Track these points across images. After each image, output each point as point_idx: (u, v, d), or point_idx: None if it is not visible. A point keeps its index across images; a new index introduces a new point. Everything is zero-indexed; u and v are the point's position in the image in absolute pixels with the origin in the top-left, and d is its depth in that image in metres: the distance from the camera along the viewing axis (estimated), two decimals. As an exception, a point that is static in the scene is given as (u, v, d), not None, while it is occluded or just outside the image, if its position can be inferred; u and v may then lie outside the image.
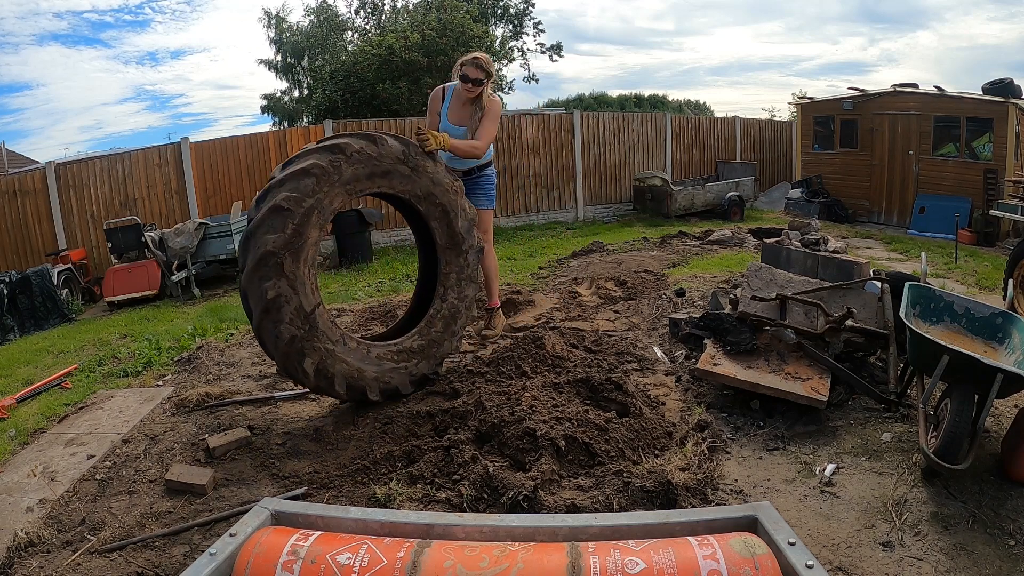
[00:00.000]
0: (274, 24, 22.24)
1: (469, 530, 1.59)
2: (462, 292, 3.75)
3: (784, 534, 1.45)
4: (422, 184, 3.50)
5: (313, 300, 3.15)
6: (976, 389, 2.60)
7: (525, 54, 21.55)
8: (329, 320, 3.24)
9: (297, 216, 3.05)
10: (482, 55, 4.07)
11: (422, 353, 3.60)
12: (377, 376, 3.38)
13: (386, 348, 3.48)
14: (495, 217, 11.77)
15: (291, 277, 3.04)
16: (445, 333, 3.70)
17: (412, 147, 3.46)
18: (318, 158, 3.15)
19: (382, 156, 3.33)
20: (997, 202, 8.30)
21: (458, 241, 3.70)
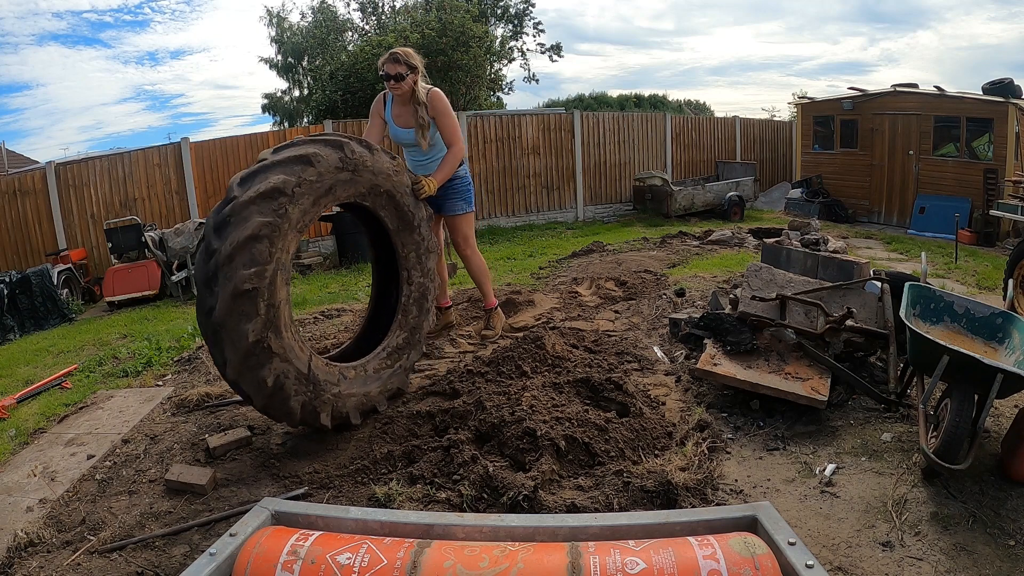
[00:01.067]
0: (275, 23, 22.25)
1: (469, 530, 1.59)
2: (424, 267, 3.63)
3: (784, 534, 1.45)
4: (364, 181, 3.26)
5: (304, 357, 2.95)
6: (976, 389, 2.60)
7: (525, 54, 21.58)
8: (323, 364, 3.10)
9: (264, 291, 2.73)
10: (401, 48, 3.81)
11: (408, 344, 3.57)
12: (381, 389, 3.36)
13: (378, 358, 3.42)
14: (494, 217, 11.91)
15: (280, 353, 2.83)
16: (421, 314, 3.63)
17: (347, 147, 3.14)
18: (262, 217, 2.76)
19: (322, 176, 3.00)
20: (997, 202, 8.30)
21: (408, 219, 3.51)
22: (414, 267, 3.59)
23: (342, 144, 3.15)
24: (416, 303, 3.61)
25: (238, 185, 2.85)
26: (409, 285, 3.59)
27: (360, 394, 3.24)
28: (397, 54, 3.73)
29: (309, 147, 3.02)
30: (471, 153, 11.40)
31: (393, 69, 3.72)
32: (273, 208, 2.80)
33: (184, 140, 9.63)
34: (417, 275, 3.61)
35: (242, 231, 2.71)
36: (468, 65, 15.77)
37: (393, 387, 3.45)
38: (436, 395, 3.52)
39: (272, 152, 3.04)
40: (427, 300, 3.65)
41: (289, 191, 2.86)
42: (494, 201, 11.84)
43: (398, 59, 3.72)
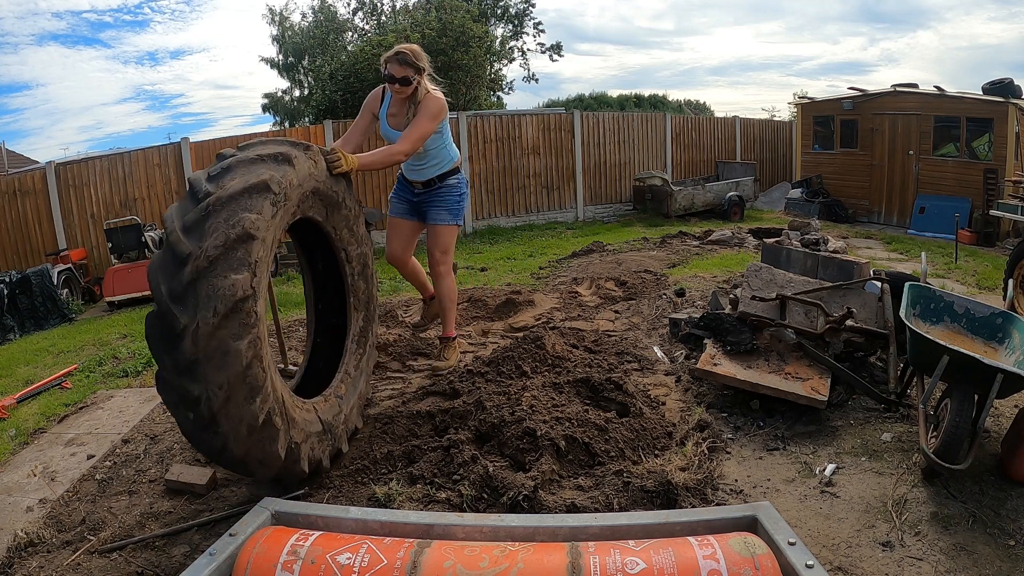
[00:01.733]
0: (277, 22, 22.26)
1: (469, 530, 1.59)
2: (357, 235, 3.22)
3: (784, 534, 1.46)
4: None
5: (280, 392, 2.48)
6: (976, 389, 2.60)
7: (525, 54, 21.61)
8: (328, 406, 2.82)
9: (249, 354, 2.19)
10: (408, 47, 3.42)
11: (368, 321, 3.37)
12: (359, 400, 3.17)
13: (344, 374, 3.16)
14: (494, 217, 11.91)
15: (270, 386, 2.33)
16: (369, 285, 3.36)
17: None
18: (253, 214, 2.37)
19: (303, 181, 2.68)
20: (997, 202, 8.30)
21: (333, 199, 2.98)
22: (348, 242, 3.17)
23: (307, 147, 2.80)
24: (361, 276, 3.29)
25: (207, 181, 2.38)
26: (349, 263, 3.22)
27: (342, 415, 2.96)
28: (405, 54, 3.37)
29: (283, 146, 2.67)
30: (471, 153, 11.41)
31: (400, 72, 3.38)
32: (262, 206, 2.35)
33: (184, 140, 9.63)
34: (353, 249, 3.22)
35: (232, 229, 2.21)
36: (468, 65, 15.78)
37: (364, 394, 3.26)
38: (436, 395, 3.52)
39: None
40: (369, 267, 3.33)
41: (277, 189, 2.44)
42: (494, 201, 11.84)
43: (406, 60, 3.37)
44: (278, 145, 2.65)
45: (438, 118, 3.49)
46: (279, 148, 2.60)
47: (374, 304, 3.39)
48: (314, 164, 2.74)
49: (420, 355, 4.38)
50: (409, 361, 4.28)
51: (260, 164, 2.46)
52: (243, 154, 2.52)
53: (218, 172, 2.40)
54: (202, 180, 2.37)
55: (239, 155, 2.51)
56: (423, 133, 3.42)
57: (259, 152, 2.53)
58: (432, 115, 3.45)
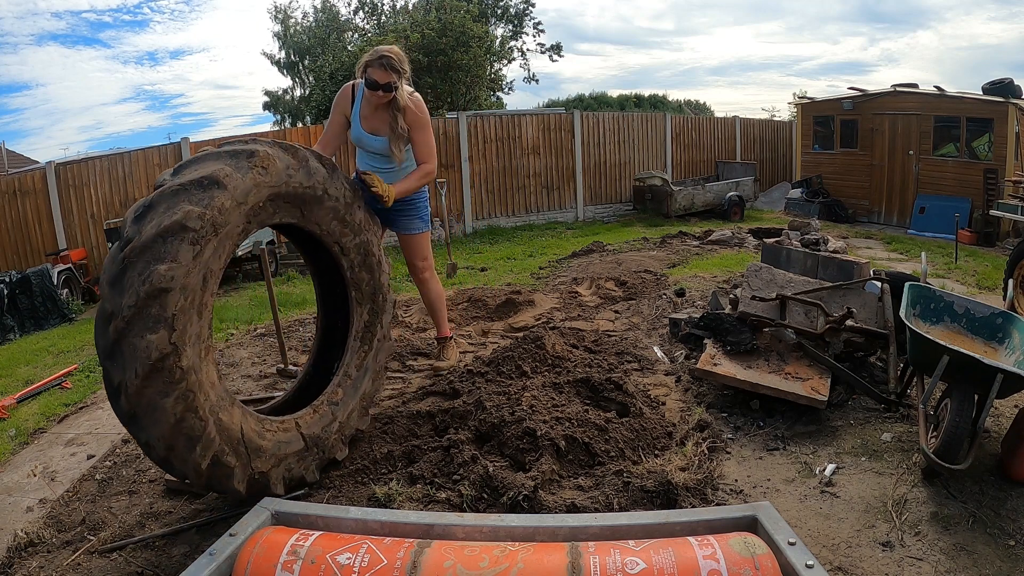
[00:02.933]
0: (280, 19, 22.27)
1: (469, 530, 1.59)
2: (355, 225, 2.94)
3: (784, 534, 1.46)
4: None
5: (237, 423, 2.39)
6: (976, 389, 2.60)
7: (525, 54, 21.61)
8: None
9: (179, 409, 2.12)
10: (391, 50, 3.18)
11: (371, 341, 3.12)
12: (361, 402, 3.03)
13: (343, 376, 3.01)
14: (494, 217, 11.92)
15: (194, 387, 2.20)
16: (377, 297, 3.11)
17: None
18: (193, 206, 2.22)
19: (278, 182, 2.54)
20: (997, 202, 8.30)
21: (315, 199, 2.77)
22: (341, 234, 2.92)
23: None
24: (363, 267, 3.03)
25: (132, 223, 2.22)
26: (346, 255, 2.98)
27: (337, 422, 2.84)
28: (390, 59, 3.14)
29: (216, 164, 2.39)
30: (471, 153, 11.41)
31: (384, 78, 3.14)
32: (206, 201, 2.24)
33: (184, 140, 9.62)
34: (349, 239, 2.96)
35: (143, 285, 2.08)
36: (468, 65, 15.79)
37: (369, 393, 3.07)
38: (436, 395, 3.52)
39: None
40: (373, 255, 3.05)
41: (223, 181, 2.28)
42: (494, 201, 11.84)
43: (391, 66, 3.14)
44: (212, 163, 2.34)
45: (429, 122, 3.38)
46: (208, 169, 2.29)
47: (383, 295, 3.10)
48: (263, 171, 2.41)
49: (420, 355, 4.38)
50: (409, 361, 4.28)
51: (180, 197, 2.19)
52: (171, 182, 2.26)
53: (142, 211, 2.19)
54: (128, 222, 2.20)
55: (167, 183, 2.26)
56: (433, 144, 3.39)
57: (183, 180, 2.25)
58: (426, 124, 3.34)
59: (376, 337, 3.11)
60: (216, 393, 2.29)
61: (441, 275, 7.61)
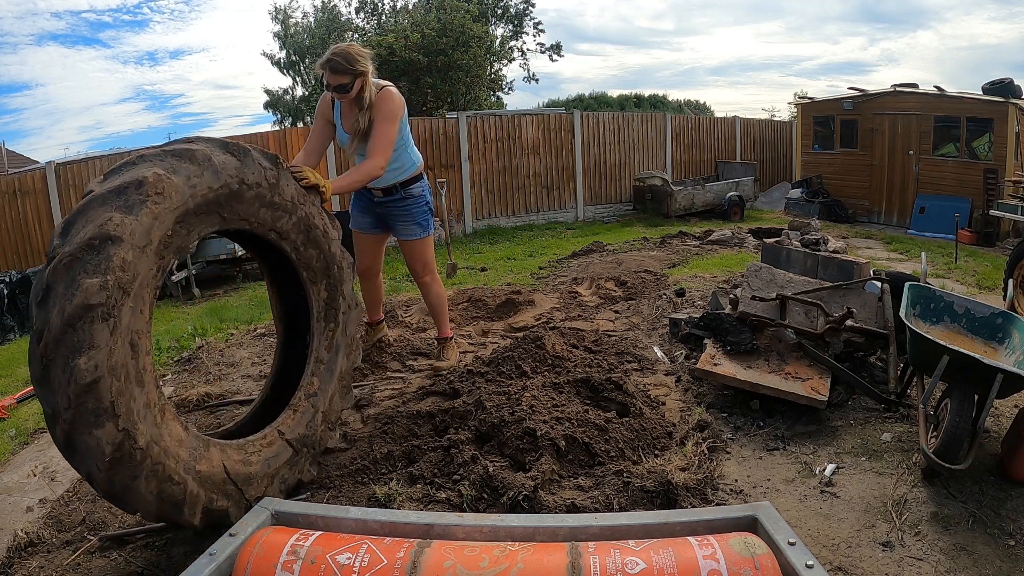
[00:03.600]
0: (281, 19, 22.28)
1: (469, 530, 1.59)
2: (287, 204, 2.58)
3: (784, 534, 1.46)
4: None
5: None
6: (976, 389, 2.60)
7: (525, 54, 21.62)
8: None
9: (112, 445, 1.92)
10: (338, 50, 3.05)
11: (335, 317, 2.88)
12: (339, 382, 2.88)
13: (315, 363, 2.81)
14: (494, 217, 11.92)
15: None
16: (331, 269, 2.80)
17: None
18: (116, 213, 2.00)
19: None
20: (997, 202, 8.31)
21: (235, 195, 2.42)
22: (274, 220, 2.58)
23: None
24: (308, 244, 2.70)
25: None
26: (286, 239, 2.66)
27: (299, 430, 2.64)
28: (337, 62, 3.02)
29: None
30: (471, 153, 11.40)
31: (334, 80, 3.05)
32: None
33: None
34: (285, 221, 2.62)
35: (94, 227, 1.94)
36: (468, 65, 15.79)
37: (335, 409, 2.84)
38: (436, 395, 3.52)
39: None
40: (317, 227, 2.71)
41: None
42: (494, 201, 11.84)
43: (338, 68, 3.02)
44: (98, 210, 2.01)
45: (396, 116, 3.18)
46: (96, 223, 1.98)
47: (337, 264, 2.81)
48: (160, 198, 2.09)
49: (420, 355, 4.38)
50: (409, 361, 4.28)
51: (75, 269, 1.93)
52: (62, 249, 1.98)
53: (41, 296, 1.95)
54: (33, 303, 1.98)
55: (59, 253, 1.99)
56: (389, 138, 3.14)
57: (74, 245, 1.96)
58: (389, 116, 3.15)
59: (340, 311, 2.87)
60: (187, 449, 2.16)
61: (441, 275, 7.62)
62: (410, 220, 3.55)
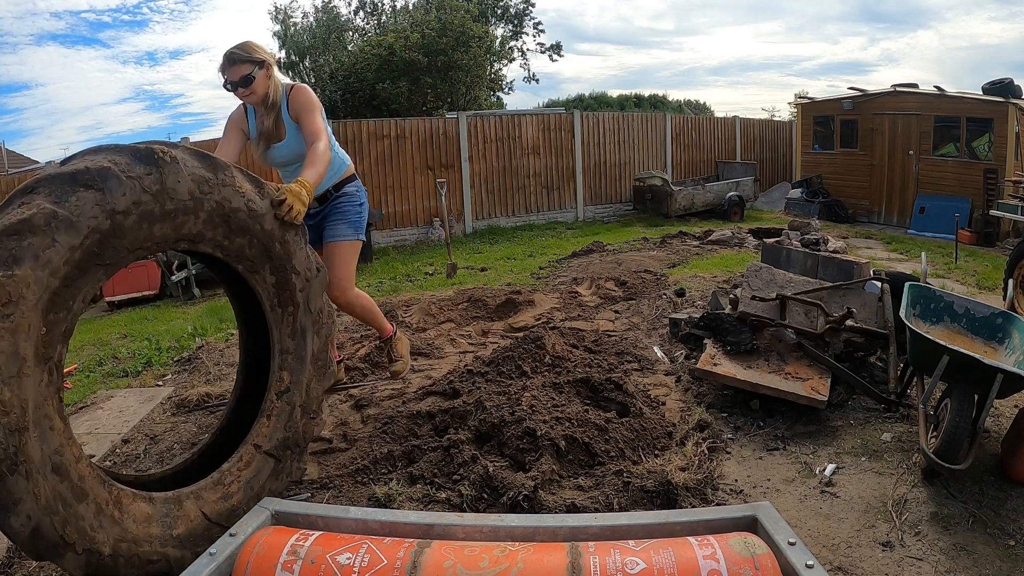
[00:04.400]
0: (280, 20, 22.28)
1: (469, 530, 1.59)
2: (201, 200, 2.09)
3: (784, 534, 1.46)
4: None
5: None
6: (976, 389, 2.60)
7: (525, 54, 21.61)
8: None
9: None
10: (237, 45, 2.84)
11: (291, 299, 2.47)
12: (314, 363, 2.58)
13: (281, 356, 2.49)
14: (494, 217, 11.92)
15: None
16: (271, 253, 2.37)
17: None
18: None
19: None
20: (997, 202, 8.30)
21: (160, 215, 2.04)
22: (194, 227, 2.13)
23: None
24: (234, 234, 2.24)
25: None
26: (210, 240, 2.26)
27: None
28: (235, 52, 2.81)
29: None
30: (471, 153, 11.40)
31: (236, 73, 2.80)
32: None
33: (184, 140, 9.62)
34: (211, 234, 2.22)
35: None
36: (468, 65, 15.79)
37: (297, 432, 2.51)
38: (436, 395, 3.52)
39: None
40: (238, 216, 2.21)
41: None
42: (494, 201, 11.84)
43: (236, 58, 2.79)
44: None
45: (317, 107, 2.94)
46: None
47: (278, 241, 2.36)
48: (66, 239, 1.76)
49: (420, 355, 4.39)
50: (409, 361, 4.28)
51: None
52: None
53: None
54: None
55: None
56: (319, 126, 2.87)
57: None
58: (310, 107, 2.90)
59: (296, 290, 2.47)
60: (158, 523, 2.00)
61: (441, 275, 7.62)
62: (342, 220, 3.16)
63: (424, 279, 7.68)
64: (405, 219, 10.98)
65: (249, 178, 2.28)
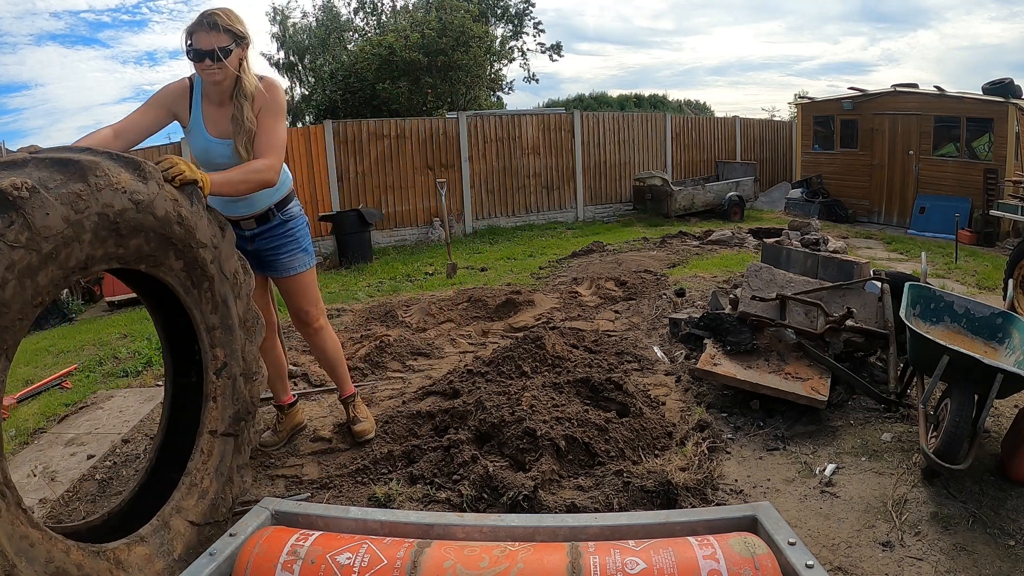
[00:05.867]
0: (279, 21, 22.28)
1: (469, 530, 1.59)
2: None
3: (784, 534, 1.46)
4: None
5: None
6: (976, 389, 2.60)
7: (525, 54, 21.62)
8: None
9: None
10: (219, 9, 2.38)
11: (207, 286, 2.23)
12: (242, 359, 2.38)
13: (213, 368, 2.29)
14: (494, 217, 11.93)
15: None
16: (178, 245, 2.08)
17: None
18: None
19: None
20: (997, 202, 8.30)
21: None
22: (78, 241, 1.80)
23: None
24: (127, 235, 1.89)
25: None
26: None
27: None
28: (215, 16, 2.34)
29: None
30: (471, 153, 11.40)
31: (209, 42, 2.33)
32: None
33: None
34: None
35: None
36: (468, 65, 15.80)
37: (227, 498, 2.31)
38: (436, 395, 3.52)
39: None
40: (124, 219, 1.84)
41: None
42: (494, 201, 11.84)
43: (215, 23, 2.34)
44: None
45: (284, 112, 2.55)
46: None
47: (176, 223, 2.03)
48: None
49: (420, 355, 4.39)
50: (409, 361, 4.28)
51: None
52: None
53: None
54: None
55: None
56: (281, 139, 2.48)
57: None
58: (278, 110, 2.49)
59: (207, 263, 2.18)
60: (160, 560, 1.92)
61: (441, 275, 7.62)
62: (295, 247, 2.78)
63: (424, 279, 7.68)
64: (405, 219, 10.98)
65: (124, 163, 1.92)
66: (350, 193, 10.43)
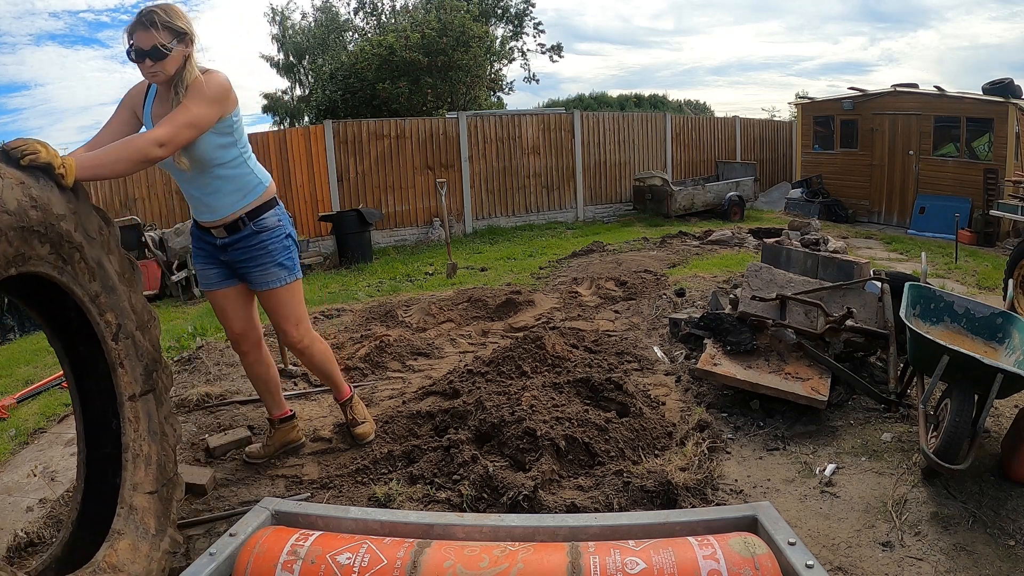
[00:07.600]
0: (278, 21, 22.29)
1: (469, 530, 1.59)
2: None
3: (784, 534, 1.46)
4: None
5: None
6: (976, 389, 2.60)
7: (525, 54, 21.64)
8: None
9: None
10: (158, 5, 2.29)
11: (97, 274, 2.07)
12: (152, 353, 2.29)
13: (115, 358, 2.16)
14: (494, 217, 11.93)
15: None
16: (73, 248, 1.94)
17: None
18: None
19: None
20: (997, 202, 8.30)
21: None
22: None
23: None
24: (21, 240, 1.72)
25: None
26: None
27: None
28: (154, 13, 2.24)
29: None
30: (471, 153, 11.40)
31: (148, 40, 2.23)
32: None
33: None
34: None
35: None
36: (468, 65, 15.81)
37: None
38: (436, 395, 3.52)
39: None
40: (22, 233, 1.70)
41: None
42: (494, 201, 11.84)
43: (153, 21, 2.23)
44: None
45: (220, 103, 2.35)
46: None
47: (43, 223, 1.80)
48: None
49: (420, 355, 4.39)
50: (409, 361, 4.28)
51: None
52: None
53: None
54: None
55: None
56: (191, 116, 2.24)
57: None
58: (207, 96, 2.30)
59: (73, 246, 1.95)
60: (157, 559, 1.92)
61: (441, 275, 7.62)
62: (268, 261, 2.60)
63: (424, 279, 7.68)
64: (405, 219, 10.98)
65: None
66: (350, 193, 10.43)
